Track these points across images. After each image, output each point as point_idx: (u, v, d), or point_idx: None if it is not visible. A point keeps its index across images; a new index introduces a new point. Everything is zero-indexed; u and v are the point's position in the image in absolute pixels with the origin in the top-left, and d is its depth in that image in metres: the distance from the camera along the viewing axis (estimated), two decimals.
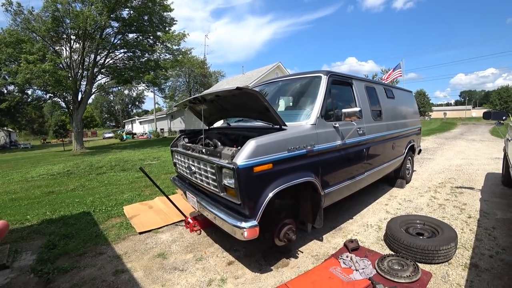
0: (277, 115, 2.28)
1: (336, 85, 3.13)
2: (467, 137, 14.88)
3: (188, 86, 38.67)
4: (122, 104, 79.09)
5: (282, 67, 21.32)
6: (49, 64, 14.02)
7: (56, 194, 5.45)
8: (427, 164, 7.16)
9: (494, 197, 4.22)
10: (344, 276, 2.27)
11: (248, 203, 2.04)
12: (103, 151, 16.21)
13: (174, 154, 3.30)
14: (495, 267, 2.37)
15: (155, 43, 18.42)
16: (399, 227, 2.78)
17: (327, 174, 2.70)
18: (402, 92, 5.22)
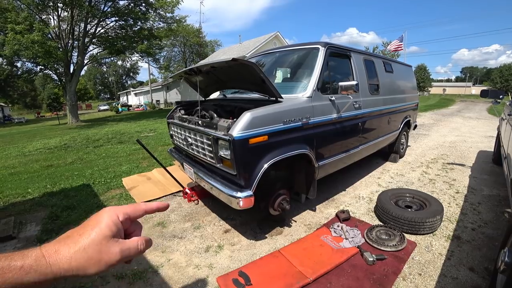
0: (273, 87, 2.26)
1: (334, 58, 3.07)
2: (464, 114, 14.92)
3: (184, 56, 37.62)
4: (116, 75, 76.99)
5: (280, 37, 20.66)
6: (37, 34, 13.38)
7: (55, 168, 5.49)
8: (421, 139, 7.25)
9: (483, 174, 4.34)
10: (334, 244, 2.40)
11: (243, 174, 2.09)
12: (99, 124, 16.09)
13: (170, 126, 3.30)
14: (476, 239, 2.50)
15: (148, 11, 17.53)
16: (389, 200, 2.88)
17: (322, 147, 2.74)
18: (401, 66, 5.14)
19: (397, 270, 2.09)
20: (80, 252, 0.40)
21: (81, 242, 0.40)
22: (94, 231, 0.42)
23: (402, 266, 2.14)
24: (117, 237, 0.44)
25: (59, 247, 0.39)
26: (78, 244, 0.40)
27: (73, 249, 0.40)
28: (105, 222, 0.43)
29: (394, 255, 2.24)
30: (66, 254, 0.39)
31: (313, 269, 2.06)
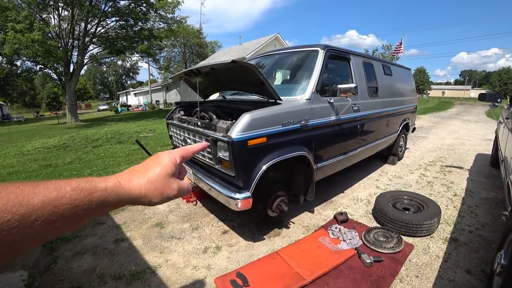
0: (272, 89, 2.28)
1: (333, 60, 3.09)
2: (462, 117, 14.97)
3: (184, 57, 37.66)
4: (116, 75, 76.95)
5: (280, 39, 20.70)
6: (37, 33, 13.38)
7: (53, 167, 5.49)
8: (420, 142, 7.27)
9: (481, 177, 4.36)
10: (332, 245, 2.41)
11: (242, 175, 2.10)
12: (98, 123, 16.07)
13: (169, 127, 3.30)
14: (473, 242, 2.51)
15: (148, 11, 17.55)
16: (387, 202, 2.89)
17: (320, 149, 2.75)
18: (400, 69, 5.16)
19: (394, 272, 2.10)
20: (149, 183, 0.47)
21: (148, 176, 0.48)
22: (159, 168, 0.49)
23: (399, 268, 2.15)
24: (175, 176, 0.52)
25: (131, 177, 0.47)
26: (146, 177, 0.47)
27: (142, 180, 0.47)
28: (166, 162, 0.51)
29: (391, 257, 2.25)
30: (137, 183, 0.46)
31: (310, 270, 2.07)
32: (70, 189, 0.38)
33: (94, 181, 0.42)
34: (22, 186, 0.34)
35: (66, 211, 0.36)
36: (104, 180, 0.43)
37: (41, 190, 0.35)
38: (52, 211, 0.35)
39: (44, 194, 0.35)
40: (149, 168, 0.49)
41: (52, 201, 0.35)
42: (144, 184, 0.46)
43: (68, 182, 0.39)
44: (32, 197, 0.34)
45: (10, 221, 0.31)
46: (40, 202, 0.34)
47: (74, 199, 0.38)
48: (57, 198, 0.36)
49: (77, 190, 0.38)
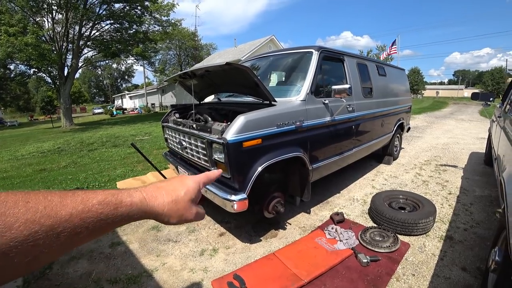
0: (267, 91, 2.29)
1: (327, 61, 3.11)
2: (456, 116, 15.13)
3: (179, 59, 37.59)
4: (111, 78, 76.56)
5: (275, 41, 20.76)
6: (31, 36, 13.26)
7: (48, 172, 5.43)
8: (415, 142, 7.34)
9: (475, 175, 4.41)
10: (328, 246, 2.42)
11: (237, 177, 2.10)
12: (93, 127, 15.96)
13: (165, 130, 3.30)
14: (468, 239, 2.54)
15: (143, 14, 17.51)
16: (383, 202, 2.91)
17: (316, 150, 2.76)
18: (394, 70, 5.21)
19: (391, 271, 2.11)
20: (172, 203, 0.49)
21: (173, 196, 0.50)
22: (184, 191, 0.51)
23: (395, 267, 2.16)
24: (195, 201, 0.55)
25: (157, 194, 0.48)
26: (171, 197, 0.49)
27: (167, 199, 0.49)
28: (192, 187, 0.53)
29: (388, 256, 2.27)
30: (161, 202, 0.48)
31: (307, 271, 2.07)
32: (96, 203, 0.39)
33: (120, 195, 0.43)
34: (50, 197, 0.35)
35: (91, 224, 0.37)
36: (129, 194, 0.44)
37: (68, 202, 0.36)
38: (78, 224, 0.36)
39: (72, 207, 0.36)
40: (175, 188, 0.51)
41: (79, 214, 0.36)
42: (168, 204, 0.48)
43: (95, 195, 0.40)
44: (60, 209, 0.34)
45: (38, 232, 0.32)
46: (67, 215, 0.35)
47: (100, 213, 0.38)
48: (84, 211, 0.37)
49: (103, 204, 0.39)
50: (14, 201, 0.32)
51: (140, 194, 0.45)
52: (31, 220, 0.31)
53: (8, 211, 0.31)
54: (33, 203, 0.33)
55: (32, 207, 0.32)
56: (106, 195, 0.41)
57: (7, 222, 0.30)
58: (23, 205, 0.32)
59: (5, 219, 0.30)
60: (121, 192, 0.43)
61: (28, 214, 0.32)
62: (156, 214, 0.47)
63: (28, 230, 0.31)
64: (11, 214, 0.31)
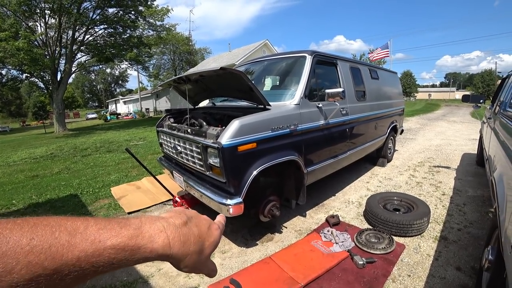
0: (261, 95, 2.30)
1: (320, 65, 3.15)
2: (448, 118, 15.35)
3: (173, 64, 37.57)
4: (105, 83, 76.08)
5: (269, 45, 20.93)
6: (23, 41, 13.14)
7: (40, 178, 5.36)
8: (408, 144, 7.42)
9: (467, 176, 4.47)
10: (324, 248, 2.42)
11: (233, 181, 2.11)
12: (87, 132, 15.80)
13: (160, 135, 3.28)
14: (462, 239, 2.57)
15: (137, 19, 17.51)
16: (378, 204, 2.93)
17: (310, 153, 2.78)
18: (386, 73, 5.29)
19: (387, 272, 2.12)
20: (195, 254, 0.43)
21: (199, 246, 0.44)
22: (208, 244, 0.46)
23: (391, 268, 2.17)
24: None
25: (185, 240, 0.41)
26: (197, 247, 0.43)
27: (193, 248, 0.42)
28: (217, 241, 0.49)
29: (383, 258, 2.28)
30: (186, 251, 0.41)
31: (304, 274, 2.07)
32: (110, 246, 0.33)
33: (138, 238, 0.36)
34: (58, 233, 0.31)
35: (101, 267, 0.33)
36: (151, 240, 0.37)
37: (77, 242, 0.31)
38: (86, 267, 0.32)
39: (81, 249, 0.31)
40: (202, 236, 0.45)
41: (88, 258, 0.32)
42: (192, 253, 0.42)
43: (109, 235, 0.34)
44: (67, 251, 0.30)
45: (41, 276, 0.28)
46: (75, 258, 0.31)
47: (113, 258, 0.34)
48: (94, 256, 0.32)
49: (117, 249, 0.34)
50: (18, 237, 0.28)
51: (166, 239, 0.39)
52: (34, 263, 0.28)
53: (9, 251, 0.27)
54: (38, 240, 0.29)
55: (36, 245, 0.29)
56: (122, 237, 0.35)
57: (8, 264, 0.27)
58: (26, 242, 0.28)
59: (6, 260, 0.27)
60: (140, 234, 0.37)
61: (31, 255, 0.28)
62: (176, 260, 0.41)
63: (30, 274, 0.28)
64: (13, 255, 0.27)
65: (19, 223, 0.30)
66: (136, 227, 0.37)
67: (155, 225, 0.39)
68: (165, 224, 0.40)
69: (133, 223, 0.38)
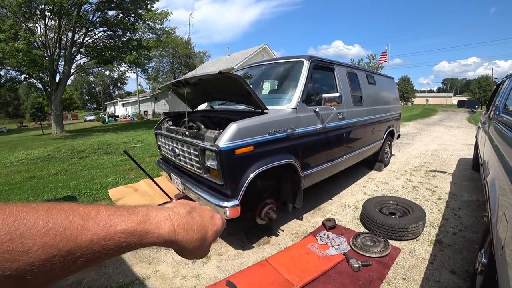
0: (259, 99, 2.33)
1: (318, 70, 3.19)
2: (445, 123, 15.45)
3: (172, 67, 37.64)
4: (103, 85, 76.10)
5: (268, 49, 21.02)
6: (22, 42, 13.13)
7: (37, 179, 5.34)
8: (405, 148, 7.47)
9: (463, 180, 4.51)
10: (320, 251, 2.44)
11: (230, 184, 2.13)
12: (84, 134, 15.76)
13: (158, 137, 3.30)
14: (457, 243, 2.60)
15: (137, 22, 17.58)
16: (374, 207, 2.96)
17: (307, 157, 2.81)
18: (383, 78, 5.35)
19: (382, 275, 2.14)
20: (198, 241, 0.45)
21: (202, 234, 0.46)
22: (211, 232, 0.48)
23: (386, 271, 2.19)
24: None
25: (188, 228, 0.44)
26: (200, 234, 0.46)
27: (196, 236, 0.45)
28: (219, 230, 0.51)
29: (379, 261, 2.30)
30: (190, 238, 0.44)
31: (299, 277, 2.08)
32: (120, 231, 0.36)
33: (147, 225, 0.39)
34: (71, 217, 0.33)
35: (111, 250, 0.35)
36: (158, 225, 0.40)
37: (90, 226, 0.33)
38: (97, 250, 0.33)
39: (93, 232, 0.33)
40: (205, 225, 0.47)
41: (100, 241, 0.34)
42: (195, 241, 0.45)
43: (119, 220, 0.36)
44: (81, 234, 0.32)
45: (55, 257, 0.30)
46: (87, 241, 0.33)
47: (122, 242, 0.36)
48: (105, 239, 0.34)
49: (127, 234, 0.36)
50: (35, 219, 0.30)
51: (171, 226, 0.41)
52: (50, 244, 0.29)
53: (27, 232, 0.28)
54: (53, 223, 0.31)
55: (52, 228, 0.30)
56: (132, 223, 0.37)
57: (25, 245, 0.28)
58: (42, 225, 0.30)
59: (23, 241, 0.28)
60: (148, 221, 0.39)
61: (47, 237, 0.30)
62: (180, 247, 0.44)
63: (45, 254, 0.29)
64: (30, 236, 0.28)
65: (34, 206, 0.31)
66: (144, 214, 0.40)
67: (161, 213, 0.42)
68: (170, 213, 0.43)
69: (141, 210, 0.40)
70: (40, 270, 0.29)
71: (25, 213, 0.30)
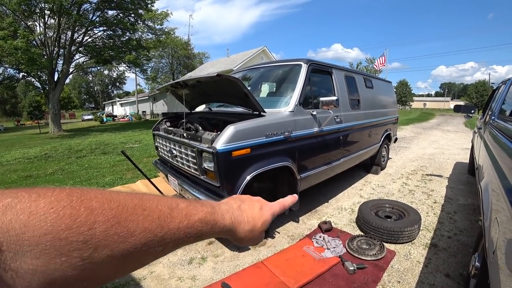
0: (256, 102, 2.35)
1: (316, 74, 3.21)
2: (442, 127, 15.53)
3: (171, 68, 37.63)
4: (102, 85, 75.87)
5: (267, 52, 21.03)
6: (21, 40, 13.09)
7: (34, 178, 5.32)
8: (402, 152, 7.51)
9: (459, 184, 4.55)
10: (316, 254, 2.45)
11: (226, 186, 2.14)
12: (82, 133, 15.71)
13: (156, 138, 3.31)
14: (451, 247, 2.62)
15: (137, 22, 17.59)
16: (370, 210, 2.97)
17: (304, 159, 2.82)
18: (381, 82, 5.39)
19: (377, 278, 2.15)
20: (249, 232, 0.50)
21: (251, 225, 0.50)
22: (261, 223, 0.52)
23: (381, 274, 2.20)
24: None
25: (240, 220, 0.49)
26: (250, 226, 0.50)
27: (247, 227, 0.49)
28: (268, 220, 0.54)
29: (374, 264, 2.31)
30: (242, 228, 0.49)
31: (295, 279, 2.09)
32: (198, 220, 0.40)
33: (216, 215, 0.44)
34: (160, 206, 0.35)
35: (190, 238, 0.39)
36: (223, 216, 0.45)
37: (175, 215, 0.37)
38: (181, 237, 0.37)
39: (179, 220, 0.37)
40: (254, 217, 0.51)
41: (184, 228, 0.37)
42: (246, 232, 0.50)
43: (196, 211, 0.40)
44: (170, 222, 0.35)
45: (152, 241, 0.32)
46: (175, 228, 0.36)
47: (199, 230, 0.40)
48: (188, 227, 0.38)
49: (203, 223, 0.40)
50: (133, 206, 0.32)
51: (230, 218, 0.46)
52: (148, 229, 0.32)
53: (130, 216, 0.31)
54: (149, 211, 0.33)
55: (148, 215, 0.33)
56: (206, 213, 0.41)
57: (130, 228, 0.30)
58: (141, 212, 0.32)
59: (128, 224, 0.30)
60: (216, 212, 0.44)
61: (146, 222, 0.32)
62: (236, 238, 0.49)
63: (145, 238, 0.32)
64: (133, 220, 0.31)
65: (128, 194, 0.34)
66: (211, 206, 0.44)
67: (223, 206, 0.47)
68: (227, 207, 0.48)
69: (207, 203, 0.45)
70: (140, 253, 0.32)
71: (122, 199, 0.32)
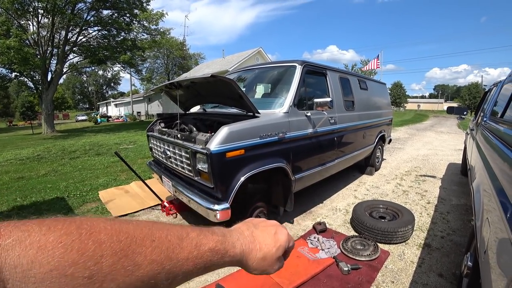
0: (250, 103, 2.35)
1: (310, 75, 3.22)
2: (436, 129, 15.71)
3: (167, 68, 37.42)
4: (96, 85, 75.19)
5: (263, 53, 21.09)
6: (14, 40, 12.91)
7: (26, 180, 5.23)
8: (396, 153, 7.57)
9: (452, 185, 4.60)
10: (310, 255, 2.45)
11: (220, 187, 2.13)
12: (76, 134, 15.53)
13: (150, 139, 3.29)
14: (444, 246, 2.64)
15: (132, 22, 17.47)
16: (364, 211, 2.99)
17: (298, 160, 2.82)
18: (375, 84, 5.43)
19: (371, 278, 2.16)
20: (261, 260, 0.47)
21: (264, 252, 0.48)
22: (275, 249, 0.49)
23: (375, 274, 2.21)
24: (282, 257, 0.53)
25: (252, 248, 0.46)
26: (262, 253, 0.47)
27: (259, 255, 0.47)
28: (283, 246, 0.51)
29: (368, 264, 2.32)
30: (254, 256, 0.46)
31: (289, 280, 2.09)
32: (208, 250, 0.39)
33: (226, 244, 0.42)
34: (170, 237, 0.35)
35: (200, 269, 0.38)
36: (233, 245, 0.43)
37: (185, 246, 0.36)
38: (190, 268, 0.36)
39: (188, 251, 0.36)
40: (267, 243, 0.48)
41: (193, 259, 0.36)
42: (258, 259, 0.47)
43: (207, 241, 0.39)
44: (179, 252, 0.35)
45: (160, 274, 0.32)
46: (184, 259, 0.35)
47: (209, 260, 0.39)
48: (197, 257, 0.37)
49: (213, 252, 0.39)
50: (142, 238, 0.31)
51: (241, 247, 0.44)
52: (156, 261, 0.31)
53: (138, 248, 0.30)
54: (158, 242, 0.32)
55: (156, 246, 0.32)
56: (216, 243, 0.40)
57: (137, 261, 0.30)
58: (149, 243, 0.32)
59: (136, 257, 0.29)
60: (226, 240, 0.42)
61: (154, 254, 0.31)
62: (246, 266, 0.47)
63: (152, 271, 0.31)
64: (141, 252, 0.30)
65: (137, 223, 0.33)
66: (221, 234, 0.43)
67: (234, 234, 0.45)
68: (238, 235, 0.46)
69: (218, 230, 0.43)
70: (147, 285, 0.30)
71: (132, 230, 0.31)
